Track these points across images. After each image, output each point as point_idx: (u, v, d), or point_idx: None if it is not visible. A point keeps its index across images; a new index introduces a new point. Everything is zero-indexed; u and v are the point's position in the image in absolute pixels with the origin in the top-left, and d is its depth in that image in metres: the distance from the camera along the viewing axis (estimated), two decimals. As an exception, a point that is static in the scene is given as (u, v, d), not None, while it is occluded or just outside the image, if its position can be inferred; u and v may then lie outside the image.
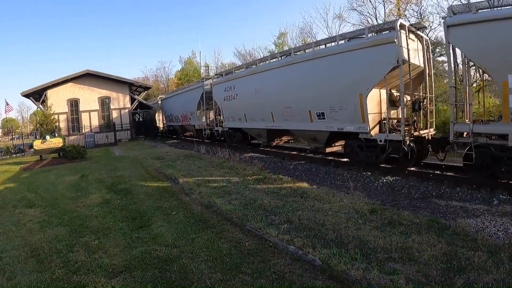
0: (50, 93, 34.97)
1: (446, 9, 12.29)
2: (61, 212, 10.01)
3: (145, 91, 47.31)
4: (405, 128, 11.60)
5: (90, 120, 36.92)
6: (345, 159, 14.96)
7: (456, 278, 4.83)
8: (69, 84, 35.86)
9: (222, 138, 25.83)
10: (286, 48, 39.81)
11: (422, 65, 12.79)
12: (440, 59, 27.34)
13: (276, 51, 39.97)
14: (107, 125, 37.67)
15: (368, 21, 31.71)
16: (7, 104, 40.21)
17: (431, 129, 13.18)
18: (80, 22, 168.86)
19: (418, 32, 12.78)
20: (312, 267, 5.53)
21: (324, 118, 14.36)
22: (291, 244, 6.30)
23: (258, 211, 8.41)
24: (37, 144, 22.83)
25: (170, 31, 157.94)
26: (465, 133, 10.41)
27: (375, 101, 12.94)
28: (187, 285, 5.25)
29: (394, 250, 5.83)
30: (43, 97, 35.06)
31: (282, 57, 17.47)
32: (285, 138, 21.82)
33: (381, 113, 13.12)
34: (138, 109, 44.20)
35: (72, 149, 23.10)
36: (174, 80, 68.31)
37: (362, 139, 12.87)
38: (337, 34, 17.37)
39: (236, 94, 21.17)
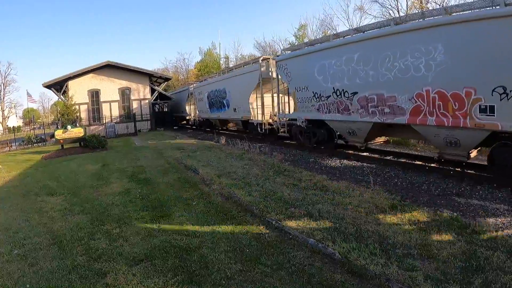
0: (71, 84, 35.56)
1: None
2: (83, 200, 10.19)
3: (165, 82, 47.70)
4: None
5: (111, 111, 37.40)
6: (365, 153, 14.87)
7: (474, 277, 4.80)
8: (90, 75, 36.36)
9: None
10: (306, 40, 39.40)
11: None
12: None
13: (296, 43, 39.70)
14: (128, 115, 38.11)
15: (389, 14, 31.35)
16: (30, 95, 40.83)
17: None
18: (102, 17, 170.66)
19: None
20: (332, 260, 5.55)
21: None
22: (311, 237, 6.32)
23: (278, 203, 8.45)
24: (59, 134, 23.18)
25: (191, 25, 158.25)
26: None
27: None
28: (207, 274, 5.32)
29: (414, 246, 5.81)
30: (64, 88, 35.66)
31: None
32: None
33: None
34: (158, 100, 44.52)
35: (93, 139, 23.41)
36: (194, 71, 68.50)
37: None
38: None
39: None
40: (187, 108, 41.25)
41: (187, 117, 41.88)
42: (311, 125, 17.08)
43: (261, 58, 21.73)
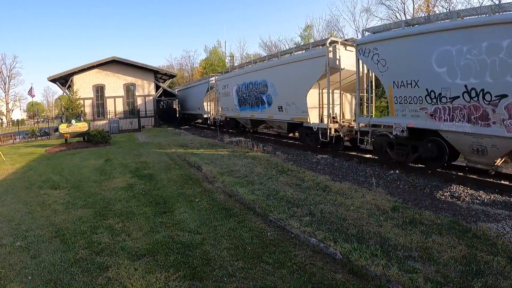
0: (76, 78, 35.63)
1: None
2: (86, 194, 10.24)
3: (170, 79, 47.65)
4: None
5: (115, 106, 37.50)
6: (368, 155, 14.90)
7: (474, 281, 4.81)
8: (95, 70, 36.43)
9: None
10: (312, 40, 39.33)
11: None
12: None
13: (302, 44, 39.63)
14: (132, 111, 38.20)
15: (396, 16, 31.31)
16: (32, 89, 41.01)
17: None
18: (107, 12, 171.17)
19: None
20: (333, 260, 5.57)
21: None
22: (312, 237, 6.35)
23: (281, 202, 8.48)
24: (63, 128, 23.27)
25: (196, 21, 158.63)
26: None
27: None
28: (209, 271, 5.35)
29: (414, 249, 5.83)
30: (69, 82, 35.75)
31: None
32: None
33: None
34: (163, 97, 44.52)
35: (97, 134, 23.46)
36: (199, 69, 68.62)
37: None
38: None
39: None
40: (205, 104, 35.95)
41: (205, 115, 36.25)
42: (410, 136, 12.48)
43: (329, 40, 16.08)
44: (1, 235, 7.22)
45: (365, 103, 14.85)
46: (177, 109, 51.11)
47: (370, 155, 15.21)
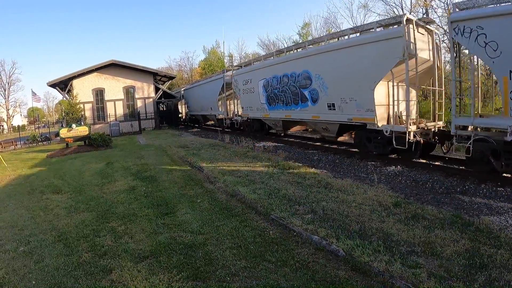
0: (75, 82, 35.62)
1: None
2: (88, 198, 10.24)
3: (169, 81, 47.66)
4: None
5: (115, 109, 37.47)
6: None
7: (477, 274, 4.82)
8: (94, 74, 36.42)
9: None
10: (310, 38, 39.23)
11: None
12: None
13: (300, 41, 39.60)
14: (132, 114, 38.18)
15: (393, 11, 31.24)
16: (35, 94, 40.96)
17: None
18: (105, 15, 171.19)
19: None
20: (336, 257, 5.58)
21: None
22: (315, 234, 6.35)
23: (283, 201, 8.48)
24: (64, 132, 23.25)
25: (195, 23, 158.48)
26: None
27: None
28: (212, 271, 5.36)
29: (417, 244, 5.82)
30: (68, 87, 35.75)
31: None
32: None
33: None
34: (162, 99, 44.47)
35: (98, 137, 23.45)
36: (198, 69, 68.59)
37: None
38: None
39: None
40: (219, 103, 31.56)
41: (219, 116, 31.65)
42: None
43: (405, 17, 12.33)
44: (4, 240, 7.23)
45: (457, 99, 11.48)
46: (184, 110, 48.14)
47: (461, 167, 11.88)
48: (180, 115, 47.44)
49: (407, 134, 12.35)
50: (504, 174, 10.24)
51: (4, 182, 13.70)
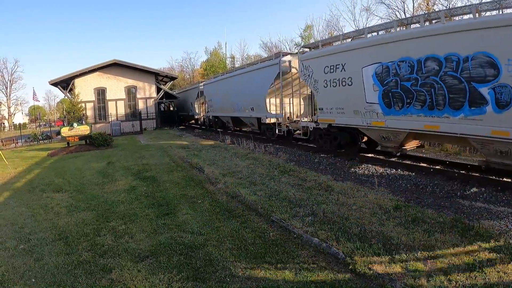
0: (77, 82, 35.73)
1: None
2: (88, 197, 10.26)
3: (171, 81, 47.78)
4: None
5: (117, 109, 37.55)
6: (370, 154, 14.74)
7: (477, 279, 4.80)
8: (96, 74, 36.53)
9: None
10: (312, 41, 39.18)
11: None
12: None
13: (302, 44, 39.58)
14: (133, 114, 38.26)
15: (396, 15, 31.27)
16: (35, 94, 41.10)
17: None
18: (108, 14, 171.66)
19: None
20: (336, 260, 5.58)
21: None
22: (315, 237, 6.35)
23: (283, 203, 8.44)
24: (65, 131, 23.31)
25: (197, 24, 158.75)
26: None
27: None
28: (212, 271, 5.38)
29: (417, 247, 5.80)
30: (70, 86, 35.87)
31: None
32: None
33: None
34: (164, 99, 44.49)
35: (99, 137, 23.45)
36: (200, 70, 68.51)
37: None
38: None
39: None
40: (267, 102, 21.26)
41: (269, 120, 21.04)
42: None
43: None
44: (4, 238, 7.26)
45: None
46: (202, 110, 37.89)
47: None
48: (196, 116, 39.61)
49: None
50: (505, 179, 10.12)
51: (4, 180, 13.76)
